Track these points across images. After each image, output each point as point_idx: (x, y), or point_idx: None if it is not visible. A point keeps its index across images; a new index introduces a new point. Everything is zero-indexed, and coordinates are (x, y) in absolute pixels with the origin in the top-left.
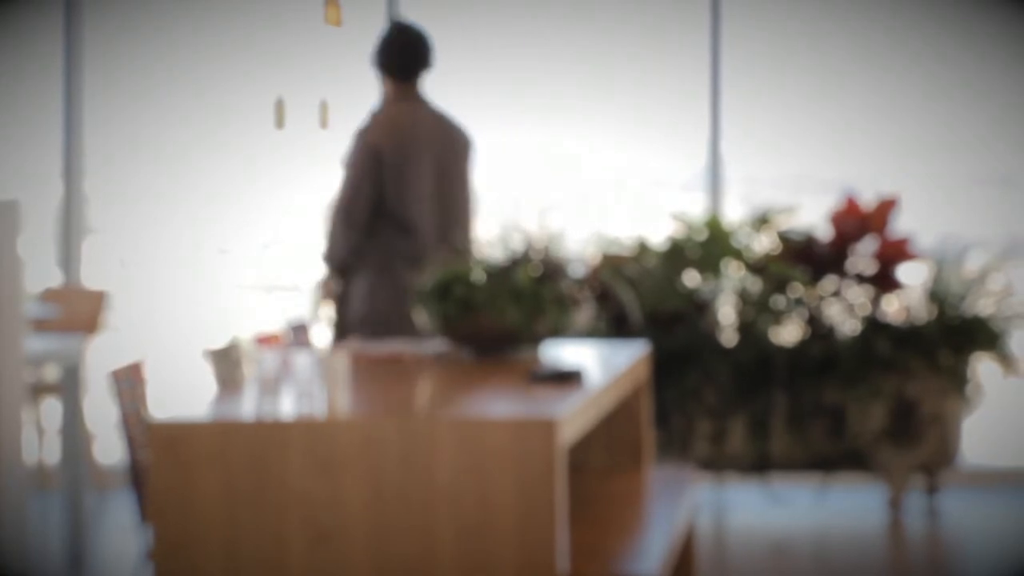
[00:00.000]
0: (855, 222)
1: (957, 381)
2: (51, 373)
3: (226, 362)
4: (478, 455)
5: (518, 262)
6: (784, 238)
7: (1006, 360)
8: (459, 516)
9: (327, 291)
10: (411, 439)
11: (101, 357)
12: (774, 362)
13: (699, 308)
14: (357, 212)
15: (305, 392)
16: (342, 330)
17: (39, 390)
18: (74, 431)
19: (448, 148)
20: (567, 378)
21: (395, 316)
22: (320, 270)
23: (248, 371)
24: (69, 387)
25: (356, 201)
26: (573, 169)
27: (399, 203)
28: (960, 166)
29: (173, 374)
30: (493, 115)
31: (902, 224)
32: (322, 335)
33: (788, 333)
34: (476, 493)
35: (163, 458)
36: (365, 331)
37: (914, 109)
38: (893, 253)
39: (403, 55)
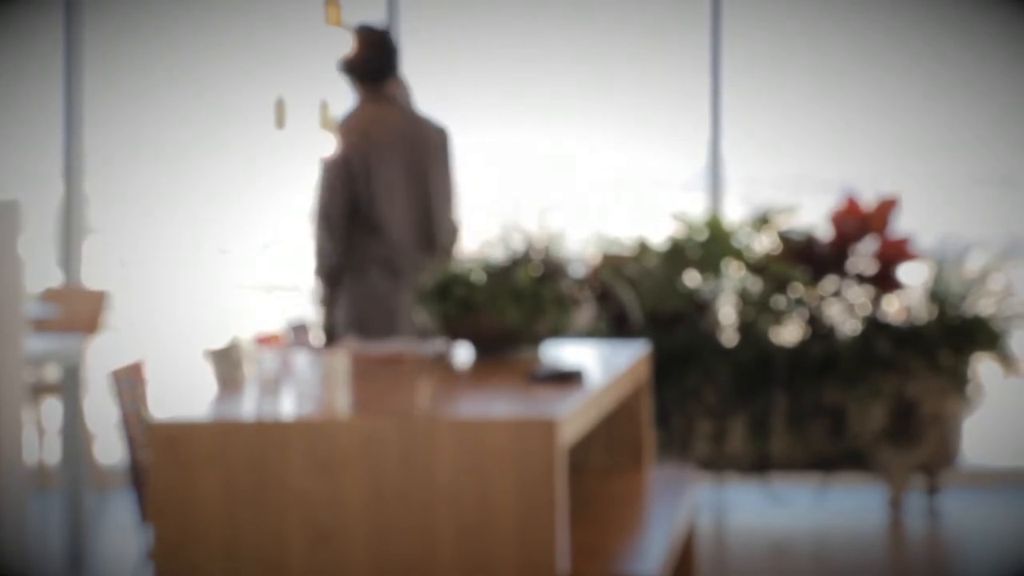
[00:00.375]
0: (855, 222)
1: (957, 381)
2: (51, 373)
3: (226, 362)
4: (478, 455)
5: (518, 262)
6: (784, 238)
7: (1006, 360)
8: (459, 516)
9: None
10: (411, 439)
11: (101, 357)
12: (774, 362)
13: (699, 308)
14: (335, 219)
15: (305, 392)
16: (330, 335)
17: (39, 390)
18: (74, 431)
19: (420, 146)
20: (567, 378)
21: (374, 321)
22: (315, 282)
23: (248, 371)
24: (69, 387)
25: (332, 208)
26: (573, 169)
27: (370, 206)
28: (960, 166)
29: (173, 374)
30: (493, 115)
31: (902, 224)
32: (315, 339)
33: (788, 333)
34: (476, 493)
35: (163, 458)
36: (350, 335)
37: (914, 109)
38: (893, 253)
39: (371, 58)
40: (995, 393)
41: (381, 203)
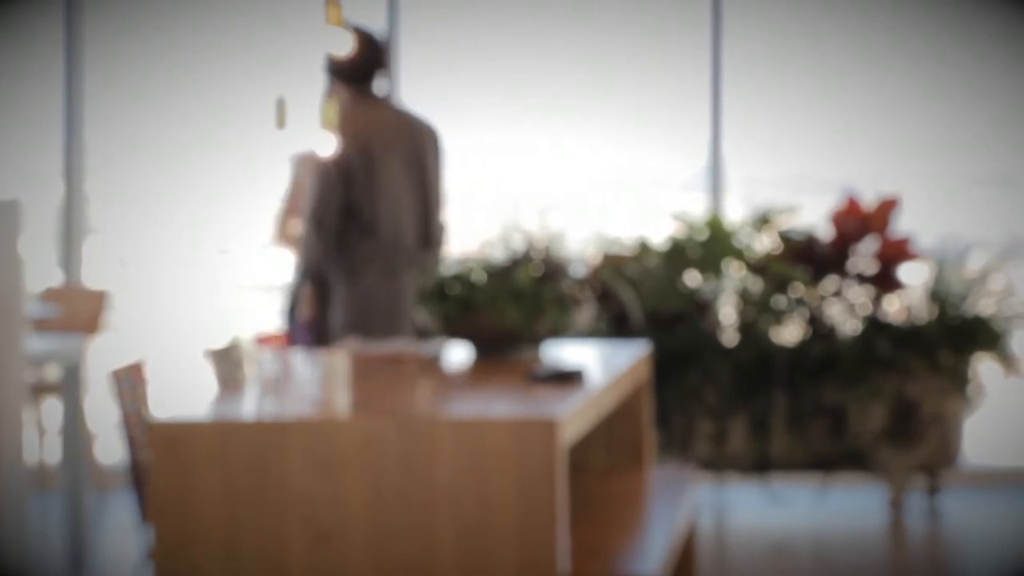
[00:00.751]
0: (856, 222)
1: (958, 381)
2: (52, 373)
3: (227, 362)
4: (478, 455)
5: (518, 262)
6: (785, 238)
7: (1007, 360)
8: (459, 516)
9: (305, 299)
10: (411, 439)
11: (101, 357)
12: (775, 362)
13: (700, 308)
14: (328, 218)
15: (305, 392)
16: (324, 336)
17: (40, 390)
18: (74, 431)
19: (416, 145)
20: (567, 378)
21: (373, 321)
22: (296, 279)
23: (248, 371)
24: (70, 387)
25: (326, 208)
26: (573, 169)
27: (370, 206)
28: (960, 166)
29: (173, 374)
30: (493, 115)
31: (902, 224)
32: (304, 341)
33: (789, 333)
34: (476, 493)
35: (163, 458)
36: (349, 336)
37: (914, 109)
38: (894, 253)
39: (358, 59)
40: (995, 393)
41: (383, 203)
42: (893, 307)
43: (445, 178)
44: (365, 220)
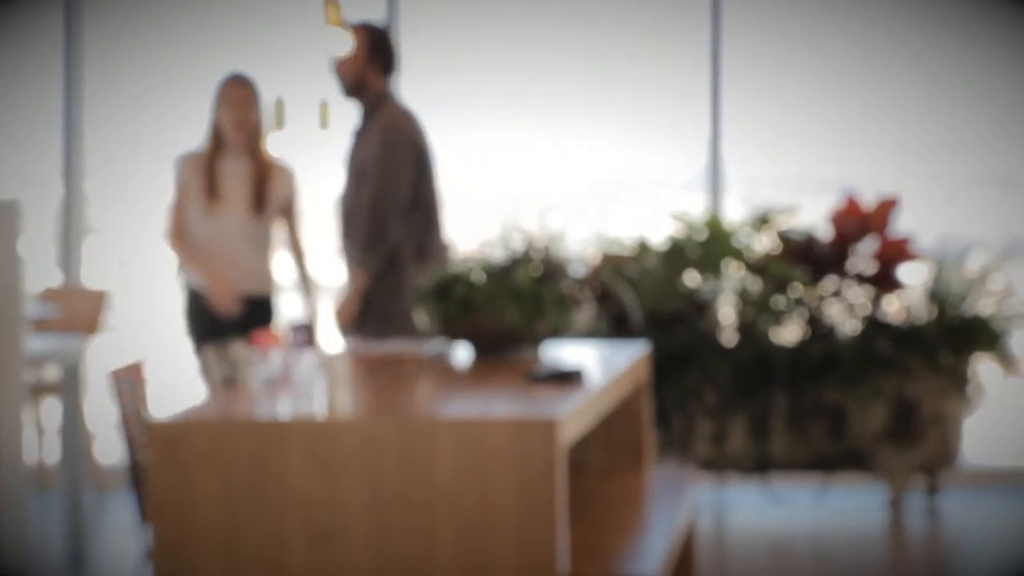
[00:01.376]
0: (855, 222)
1: (957, 381)
2: (51, 373)
3: (225, 362)
4: (478, 455)
5: (518, 262)
6: (784, 238)
7: (1006, 360)
8: (459, 516)
9: (352, 298)
10: (411, 439)
11: (101, 357)
12: (774, 362)
13: (699, 308)
14: (400, 203)
15: (305, 392)
16: (366, 321)
17: (39, 390)
18: (74, 431)
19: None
20: (567, 378)
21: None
22: (363, 262)
23: (248, 371)
24: (69, 387)
25: (400, 192)
26: (573, 169)
27: (427, 197)
28: (960, 166)
29: (173, 374)
30: (493, 115)
31: (902, 224)
32: (331, 331)
33: (788, 333)
34: (476, 493)
35: (163, 458)
36: (394, 324)
37: (914, 109)
38: (893, 253)
39: (390, 53)
40: (995, 393)
41: (432, 196)
42: (893, 307)
43: None
44: (424, 208)
